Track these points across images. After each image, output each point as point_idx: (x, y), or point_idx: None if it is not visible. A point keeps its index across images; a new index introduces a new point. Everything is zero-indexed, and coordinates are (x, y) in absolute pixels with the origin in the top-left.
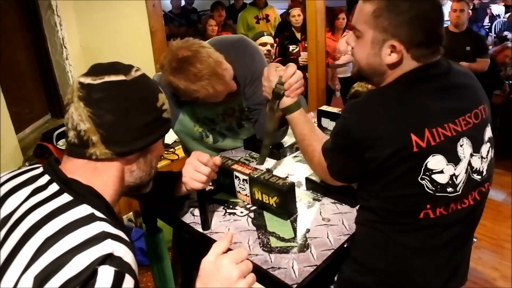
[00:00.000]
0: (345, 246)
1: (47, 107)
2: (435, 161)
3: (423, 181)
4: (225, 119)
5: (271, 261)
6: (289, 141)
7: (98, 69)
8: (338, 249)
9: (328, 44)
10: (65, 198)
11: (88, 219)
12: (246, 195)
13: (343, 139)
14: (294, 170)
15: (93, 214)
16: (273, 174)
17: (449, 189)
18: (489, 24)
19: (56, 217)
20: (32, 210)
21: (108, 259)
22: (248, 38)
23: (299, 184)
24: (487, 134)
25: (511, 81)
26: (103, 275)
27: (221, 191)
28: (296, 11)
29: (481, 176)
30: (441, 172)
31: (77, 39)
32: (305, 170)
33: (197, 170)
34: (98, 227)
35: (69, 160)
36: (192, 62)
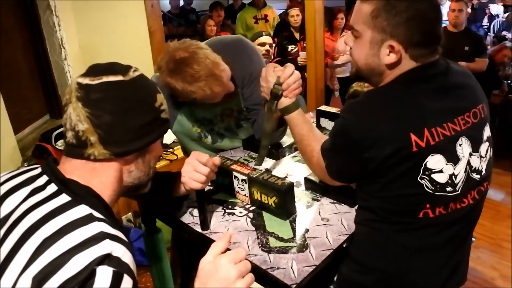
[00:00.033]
0: (344, 246)
1: (46, 107)
2: (434, 161)
3: (423, 180)
4: (224, 120)
5: (270, 261)
6: (288, 141)
7: (96, 70)
8: (337, 249)
9: (327, 44)
10: (64, 199)
11: (87, 220)
12: (245, 195)
13: (342, 139)
14: (293, 170)
15: (91, 214)
16: (272, 174)
17: (449, 188)
18: (488, 24)
19: (55, 218)
20: (31, 210)
21: (107, 259)
22: (246, 38)
23: (298, 184)
24: (486, 134)
25: (509, 81)
26: (101, 275)
27: (220, 191)
28: (294, 11)
29: (480, 176)
30: (440, 171)
31: (76, 40)
32: (304, 170)
33: (196, 170)
34: (97, 227)
35: (67, 160)
36: (189, 63)
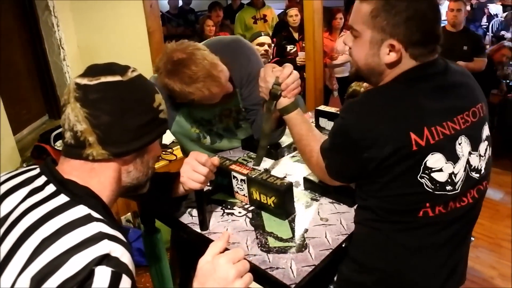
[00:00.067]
0: (343, 246)
1: (45, 108)
2: (434, 160)
3: (423, 179)
4: (222, 120)
5: (269, 261)
6: (287, 141)
7: (94, 70)
8: (336, 249)
9: (326, 44)
10: (62, 199)
11: (85, 220)
12: (244, 195)
13: (341, 139)
14: (292, 170)
15: (89, 214)
16: (271, 174)
17: (448, 187)
18: (487, 23)
19: (53, 218)
20: (29, 211)
21: (105, 259)
22: (245, 38)
23: (297, 184)
24: (485, 133)
25: (508, 80)
26: (100, 275)
27: (219, 191)
28: (293, 11)
29: (479, 174)
30: (440, 170)
31: (75, 40)
32: (303, 170)
33: (195, 170)
34: (95, 227)
35: (65, 161)
36: (187, 65)
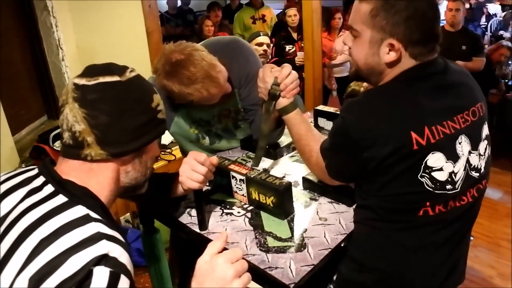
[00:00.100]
0: (342, 245)
1: (44, 108)
2: (434, 159)
3: (423, 178)
4: (221, 120)
5: (268, 261)
6: (286, 141)
7: (92, 70)
8: (335, 248)
9: (325, 44)
10: (60, 199)
11: (83, 220)
12: (243, 195)
13: (341, 138)
14: (291, 169)
15: (88, 215)
16: (270, 174)
17: (448, 186)
18: (486, 23)
19: (51, 218)
20: (27, 211)
21: (103, 259)
22: (244, 38)
23: (296, 183)
24: (485, 132)
25: (507, 80)
26: (98, 275)
27: (218, 191)
28: (292, 11)
29: (479, 173)
30: (440, 169)
31: (73, 40)
32: (302, 170)
33: (194, 169)
34: (93, 228)
35: (64, 161)
36: (185, 66)
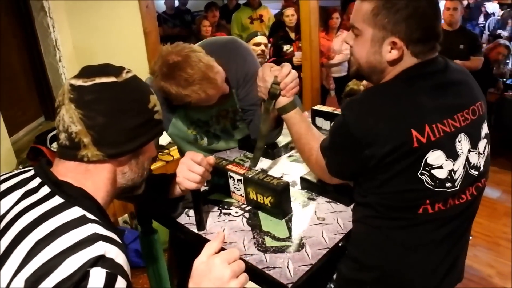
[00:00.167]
0: (340, 245)
1: (41, 109)
2: (434, 157)
3: (423, 176)
4: (219, 121)
5: (266, 261)
6: (283, 141)
7: (89, 71)
8: (333, 248)
9: (322, 44)
10: (56, 201)
11: (80, 221)
12: (240, 195)
13: (342, 136)
14: (288, 169)
15: (84, 216)
16: (268, 173)
17: (448, 184)
18: (484, 22)
19: (47, 220)
20: (23, 213)
21: (100, 261)
22: (242, 38)
23: (293, 183)
24: (484, 131)
25: (504, 79)
26: (94, 277)
27: (215, 191)
28: (289, 11)
29: (478, 172)
30: (440, 167)
31: (70, 41)
32: (300, 170)
33: (191, 169)
34: (90, 229)
35: (60, 162)
36: (182, 67)
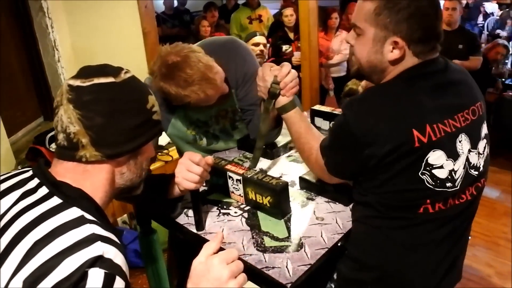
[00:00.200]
0: (339, 244)
1: (40, 109)
2: (435, 156)
3: (424, 176)
4: (219, 121)
5: (265, 261)
6: (282, 140)
7: (87, 71)
8: (332, 247)
9: (321, 44)
10: (55, 201)
11: (78, 222)
12: (239, 195)
13: (342, 136)
14: (287, 169)
15: (82, 216)
16: (267, 173)
17: (448, 184)
18: (483, 22)
19: (46, 220)
20: (21, 213)
21: (98, 261)
22: (241, 38)
23: (292, 183)
24: (484, 131)
25: (503, 79)
26: (93, 277)
27: (214, 191)
28: (288, 11)
29: (478, 172)
30: (441, 167)
31: (69, 41)
32: (299, 170)
33: (189, 170)
34: (88, 229)
35: (59, 163)
36: (182, 68)
